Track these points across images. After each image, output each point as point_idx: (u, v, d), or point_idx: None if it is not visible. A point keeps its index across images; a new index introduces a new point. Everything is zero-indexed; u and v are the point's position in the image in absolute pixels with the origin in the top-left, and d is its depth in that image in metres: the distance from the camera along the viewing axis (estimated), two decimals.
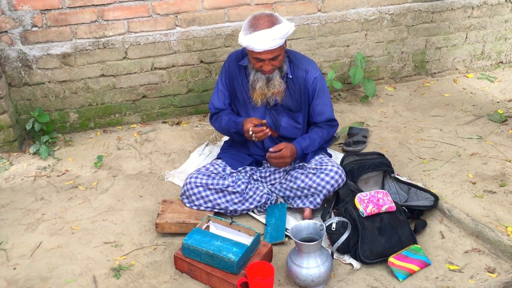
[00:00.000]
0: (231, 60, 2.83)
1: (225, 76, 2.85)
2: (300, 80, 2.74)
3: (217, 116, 2.87)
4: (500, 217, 2.67)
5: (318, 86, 2.75)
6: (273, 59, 2.57)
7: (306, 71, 2.73)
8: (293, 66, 2.74)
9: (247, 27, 2.52)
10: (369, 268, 2.41)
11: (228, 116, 2.80)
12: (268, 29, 2.46)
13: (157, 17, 3.44)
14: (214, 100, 2.89)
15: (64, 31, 3.32)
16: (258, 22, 2.50)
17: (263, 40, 2.46)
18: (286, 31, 2.51)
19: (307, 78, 2.73)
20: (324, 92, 2.79)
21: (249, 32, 2.49)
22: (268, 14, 2.53)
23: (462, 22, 4.13)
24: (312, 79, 2.73)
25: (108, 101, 3.62)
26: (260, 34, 2.46)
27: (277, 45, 2.50)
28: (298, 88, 2.75)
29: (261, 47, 2.48)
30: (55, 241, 2.62)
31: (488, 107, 3.81)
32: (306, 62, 2.77)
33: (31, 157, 3.34)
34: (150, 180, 3.10)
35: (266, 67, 2.59)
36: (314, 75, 2.73)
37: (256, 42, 2.47)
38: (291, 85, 2.74)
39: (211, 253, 2.30)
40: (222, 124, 2.82)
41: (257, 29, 2.48)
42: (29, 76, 3.39)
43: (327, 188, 2.64)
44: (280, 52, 2.57)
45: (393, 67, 4.16)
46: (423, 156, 3.23)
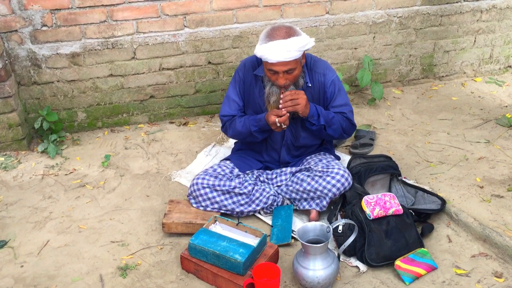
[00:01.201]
0: (247, 69, 2.75)
1: (239, 85, 2.77)
2: (320, 84, 2.71)
3: (231, 122, 2.77)
4: (508, 221, 2.65)
5: (336, 88, 2.72)
6: (287, 72, 2.50)
7: (324, 75, 2.70)
8: (311, 72, 2.70)
9: (263, 37, 2.48)
10: (375, 271, 2.41)
11: (244, 117, 2.73)
12: (284, 40, 2.41)
13: (165, 18, 3.46)
14: (224, 110, 2.79)
15: (74, 31, 3.34)
16: (275, 32, 2.45)
17: (278, 51, 2.41)
18: (303, 44, 2.44)
19: (325, 81, 2.70)
20: (342, 94, 2.75)
21: (265, 41, 2.45)
22: (287, 26, 2.49)
23: (470, 25, 4.12)
24: (330, 82, 2.70)
25: (116, 101, 3.63)
26: (275, 44, 2.41)
27: (292, 57, 2.44)
28: (317, 93, 2.72)
29: (275, 58, 2.43)
30: (62, 240, 2.64)
31: (496, 111, 3.80)
32: (322, 65, 2.74)
33: (39, 156, 3.36)
34: (157, 180, 3.11)
35: (280, 81, 2.52)
36: (331, 78, 2.71)
37: (270, 52, 2.42)
38: (311, 92, 2.70)
39: (217, 253, 2.30)
40: (237, 126, 2.72)
41: (273, 39, 2.43)
42: (38, 75, 3.41)
43: (333, 192, 2.64)
44: (296, 66, 2.51)
45: (400, 70, 4.16)
46: (430, 160, 3.22)
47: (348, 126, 2.76)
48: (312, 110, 2.62)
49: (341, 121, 2.72)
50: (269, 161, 2.90)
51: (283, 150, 2.85)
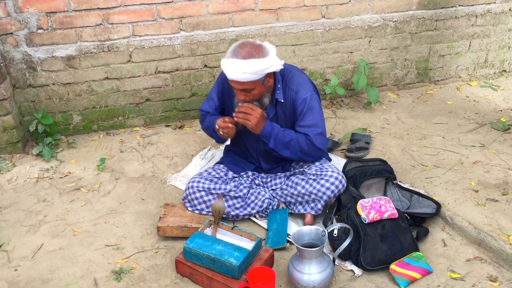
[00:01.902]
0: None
1: (219, 86, 2.79)
2: (291, 101, 2.62)
3: (204, 117, 2.84)
4: (503, 225, 2.66)
5: (306, 107, 2.58)
6: (244, 90, 2.48)
7: (296, 92, 2.60)
8: (285, 87, 2.63)
9: (228, 51, 2.44)
10: (370, 275, 2.41)
11: (213, 116, 2.77)
12: (241, 60, 2.35)
13: (162, 21, 3.46)
14: (204, 105, 2.84)
15: (69, 33, 3.33)
16: (238, 49, 2.39)
17: (232, 70, 2.37)
18: (261, 68, 2.36)
19: (296, 99, 2.60)
20: (313, 114, 2.59)
21: (227, 56, 2.43)
22: (255, 45, 2.40)
23: (465, 30, 4.14)
24: (301, 100, 2.59)
25: (111, 104, 3.63)
26: (231, 62, 2.37)
27: (246, 78, 2.38)
28: (289, 110, 2.65)
29: (230, 76, 2.41)
30: (56, 243, 2.62)
31: (491, 115, 3.81)
32: (297, 81, 2.61)
33: (34, 159, 3.35)
34: (152, 183, 3.11)
35: (239, 96, 2.51)
36: (303, 96, 2.58)
37: (227, 69, 2.41)
38: (283, 108, 2.65)
39: (212, 257, 2.30)
40: (206, 123, 2.79)
41: (233, 56, 2.39)
42: (33, 78, 3.40)
43: (328, 194, 2.64)
44: (254, 87, 2.45)
45: (396, 74, 4.17)
46: (425, 163, 3.23)
47: (311, 149, 2.61)
48: (266, 130, 2.56)
49: (302, 144, 2.59)
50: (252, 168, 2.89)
51: (261, 159, 2.84)
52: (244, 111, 2.51)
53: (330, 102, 4.02)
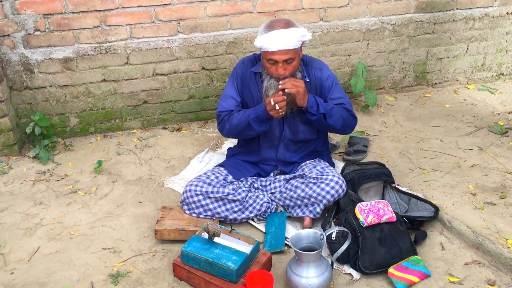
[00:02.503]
0: (245, 66, 2.78)
1: (237, 82, 2.78)
2: (317, 79, 2.76)
3: (228, 116, 2.73)
4: (501, 229, 2.66)
5: (333, 82, 2.77)
6: (287, 61, 2.54)
7: (320, 70, 2.77)
8: (308, 68, 2.76)
9: (263, 29, 2.55)
10: (369, 279, 2.40)
11: (242, 110, 2.71)
12: (284, 29, 2.49)
13: (159, 24, 3.45)
14: (221, 106, 2.76)
15: (67, 35, 3.32)
16: (274, 23, 2.54)
17: (278, 39, 2.47)
18: (302, 34, 2.52)
19: (322, 76, 2.76)
20: (339, 88, 2.79)
21: (265, 32, 2.52)
22: (286, 19, 2.59)
23: (463, 33, 4.15)
24: (327, 76, 2.76)
25: (109, 106, 3.61)
26: (276, 33, 2.48)
27: (292, 46, 2.50)
28: (315, 88, 2.76)
29: (276, 47, 2.48)
30: (53, 246, 2.61)
31: (489, 119, 3.82)
32: (318, 61, 2.82)
33: (30, 161, 3.33)
34: (149, 186, 3.09)
35: (280, 70, 2.55)
36: (327, 73, 2.78)
37: (271, 41, 2.48)
38: (308, 87, 2.73)
39: (210, 261, 2.29)
40: (235, 119, 2.68)
41: (272, 28, 2.51)
42: (30, 80, 3.39)
43: (327, 198, 2.64)
44: (295, 56, 2.56)
45: (394, 77, 4.17)
46: (423, 167, 3.23)
47: (348, 117, 2.75)
48: (311, 101, 2.62)
49: (341, 111, 2.71)
50: (266, 161, 2.88)
51: (281, 146, 2.83)
52: (292, 83, 2.53)
53: None
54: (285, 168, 2.88)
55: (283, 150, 2.85)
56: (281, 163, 2.88)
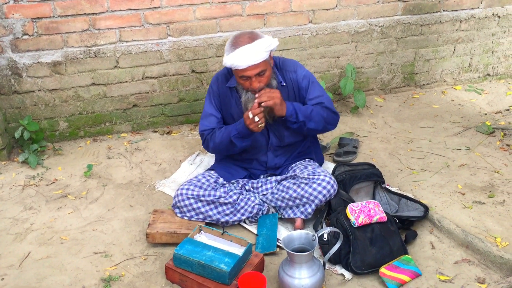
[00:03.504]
0: (219, 82, 2.77)
1: (215, 99, 2.77)
2: (293, 82, 2.75)
3: (211, 134, 2.73)
4: (489, 227, 2.69)
5: (309, 81, 2.75)
6: (259, 74, 2.53)
7: (294, 72, 2.74)
8: (282, 72, 2.74)
9: (229, 47, 2.51)
10: (360, 279, 2.42)
11: (223, 127, 2.72)
12: (249, 44, 2.46)
13: (149, 27, 3.45)
14: (203, 125, 2.76)
15: (55, 39, 3.30)
16: (238, 39, 2.50)
17: (246, 56, 2.45)
18: (267, 44, 2.49)
19: (297, 78, 2.74)
20: (316, 86, 2.76)
21: (232, 50, 2.49)
22: (248, 32, 2.54)
23: (450, 35, 4.19)
24: (302, 77, 2.74)
25: (98, 110, 3.60)
26: (242, 50, 2.45)
27: (260, 59, 2.48)
28: (292, 90, 2.75)
29: (245, 63, 2.46)
30: (44, 251, 2.59)
31: (476, 119, 3.86)
32: (291, 63, 2.78)
33: (19, 166, 3.31)
34: (140, 189, 3.08)
35: (254, 84, 2.54)
36: (303, 73, 2.75)
37: (239, 59, 2.46)
38: (286, 91, 2.73)
39: (202, 263, 2.29)
40: (217, 137, 2.68)
41: (238, 46, 2.47)
42: (18, 84, 3.36)
43: (319, 198, 2.65)
44: (266, 67, 2.54)
45: (382, 79, 4.21)
46: (412, 167, 3.26)
47: (329, 115, 2.75)
48: (290, 109, 2.62)
49: (321, 112, 2.71)
50: (256, 168, 2.89)
51: (269, 154, 2.84)
52: (266, 94, 2.53)
53: None
54: (275, 172, 2.89)
55: (272, 157, 2.86)
56: (270, 169, 2.89)
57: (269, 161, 2.86)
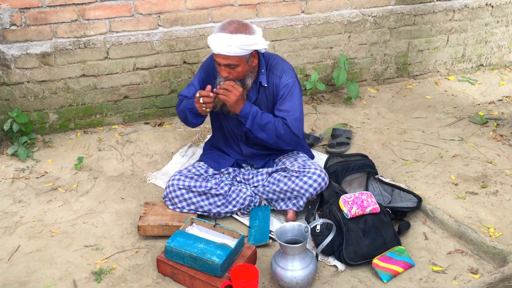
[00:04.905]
0: (212, 59, 2.73)
1: (203, 72, 2.79)
2: (274, 86, 2.67)
3: (181, 101, 2.78)
4: (482, 218, 2.69)
5: (288, 92, 2.63)
6: (229, 66, 2.50)
7: (279, 77, 2.65)
8: (269, 73, 2.68)
9: (216, 27, 2.51)
10: (353, 270, 2.41)
11: (190, 99, 2.72)
12: (229, 34, 2.42)
13: (139, 17, 3.40)
14: (183, 91, 2.82)
15: (44, 30, 3.25)
16: (225, 25, 2.47)
17: (220, 43, 2.43)
18: (247, 43, 2.43)
19: (280, 83, 2.65)
20: (293, 99, 2.64)
21: (215, 32, 2.49)
22: (241, 23, 2.49)
23: (443, 25, 4.17)
24: (284, 85, 2.64)
25: (88, 101, 3.55)
26: (219, 36, 2.44)
27: (232, 52, 2.43)
28: (271, 94, 2.69)
29: (216, 50, 2.46)
30: (34, 245, 2.56)
31: (469, 109, 3.86)
32: (281, 67, 2.68)
33: (9, 159, 3.26)
34: (132, 182, 3.05)
35: (222, 73, 2.53)
36: (286, 81, 2.64)
37: (213, 43, 2.46)
38: (266, 93, 2.68)
39: (194, 256, 2.27)
40: (181, 105, 2.75)
41: (220, 31, 2.46)
42: (7, 76, 3.31)
43: (310, 191, 2.63)
44: (238, 63, 2.49)
45: (376, 69, 4.18)
46: (406, 158, 3.25)
47: (287, 133, 2.63)
48: (245, 110, 2.58)
49: (279, 128, 2.61)
50: (235, 156, 2.87)
51: (241, 144, 2.83)
52: (225, 87, 2.53)
53: (311, 97, 4.01)
54: (256, 163, 2.86)
55: (245, 147, 2.84)
56: (248, 157, 2.87)
57: (244, 150, 2.85)
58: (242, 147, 2.84)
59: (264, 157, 2.86)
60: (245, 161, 2.88)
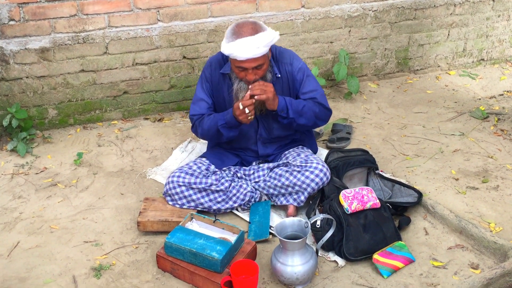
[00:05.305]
0: (213, 68, 2.72)
1: (207, 84, 2.74)
2: (288, 74, 2.70)
3: (200, 120, 2.70)
4: (483, 213, 2.68)
5: (304, 75, 2.70)
6: (256, 68, 2.50)
7: (290, 64, 2.70)
8: (278, 63, 2.69)
9: (229, 35, 2.45)
10: (353, 265, 2.40)
11: (212, 114, 2.68)
12: (252, 36, 2.41)
13: (138, 12, 3.38)
14: (194, 110, 2.74)
15: (42, 25, 3.23)
16: (241, 29, 2.44)
17: (247, 48, 2.40)
18: (270, 39, 2.45)
19: (292, 70, 2.69)
20: (311, 80, 2.72)
21: (232, 39, 2.43)
22: (252, 22, 2.49)
23: (444, 19, 4.15)
24: (297, 70, 2.69)
25: (88, 97, 3.54)
26: (244, 41, 2.40)
27: (261, 53, 2.44)
28: (287, 83, 2.71)
29: (245, 55, 2.42)
30: (33, 241, 2.56)
31: (470, 104, 3.84)
32: (288, 55, 2.73)
33: (8, 154, 3.26)
34: (131, 177, 3.05)
35: (250, 77, 2.51)
36: (298, 66, 2.70)
37: (239, 50, 2.41)
38: (280, 83, 2.69)
39: (194, 251, 2.26)
40: (205, 124, 2.66)
41: (240, 36, 2.42)
42: (6, 71, 3.30)
43: (312, 186, 2.62)
44: (264, 61, 2.51)
45: (376, 64, 4.17)
46: (406, 153, 3.24)
47: (322, 111, 2.71)
48: (282, 104, 2.59)
49: (313, 107, 2.67)
50: (248, 155, 2.86)
51: (259, 144, 2.82)
52: (260, 87, 2.50)
53: None
54: (267, 158, 2.86)
55: (262, 147, 2.83)
56: (262, 157, 2.87)
57: (260, 151, 2.84)
58: (259, 148, 2.82)
59: (277, 155, 2.86)
60: (257, 158, 2.87)
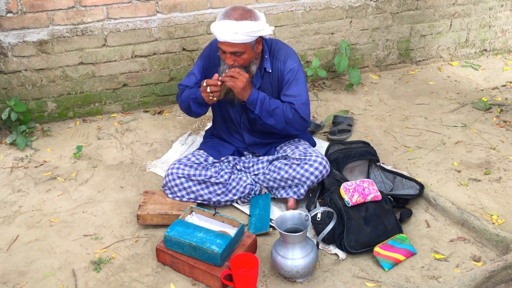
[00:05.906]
0: (212, 49, 2.72)
1: (203, 61, 2.75)
2: (279, 71, 2.65)
3: (182, 91, 2.74)
4: (485, 205, 2.66)
5: (293, 77, 2.62)
6: (235, 54, 2.47)
7: (284, 62, 2.63)
8: (273, 59, 2.65)
9: (219, 14, 2.47)
10: (354, 258, 2.39)
11: (191, 89, 2.70)
12: (235, 21, 2.38)
13: (137, 3, 3.35)
14: (183, 81, 2.78)
15: (40, 17, 3.20)
16: (230, 11, 2.43)
17: (225, 31, 2.39)
18: (253, 29, 2.39)
19: (284, 68, 2.63)
20: (298, 84, 2.62)
21: (219, 19, 2.44)
22: (245, 9, 2.45)
23: (446, 9, 4.11)
24: (288, 70, 2.62)
25: (87, 89, 3.52)
26: (224, 23, 2.39)
27: (239, 40, 2.40)
28: (276, 80, 2.66)
29: (222, 38, 2.41)
30: (32, 234, 2.55)
31: (473, 95, 3.81)
32: (285, 52, 2.65)
33: (7, 148, 3.24)
34: (131, 170, 3.03)
35: (228, 61, 2.50)
36: (290, 66, 2.62)
37: (219, 31, 2.41)
38: (270, 79, 2.66)
39: (194, 245, 2.25)
40: (184, 95, 2.70)
41: (225, 18, 2.42)
42: (4, 64, 3.27)
43: (311, 179, 2.61)
44: (245, 50, 2.46)
45: (378, 55, 4.13)
46: (408, 145, 3.21)
47: (295, 119, 2.61)
48: (252, 97, 2.55)
49: (287, 112, 2.58)
50: (237, 144, 2.85)
51: (244, 133, 2.80)
52: (231, 74, 2.49)
53: (312, 84, 3.97)
54: (257, 150, 2.83)
55: (248, 135, 2.80)
56: (251, 146, 2.84)
57: (246, 139, 2.81)
58: (244, 136, 2.81)
59: (266, 145, 2.83)
60: (246, 149, 2.85)
